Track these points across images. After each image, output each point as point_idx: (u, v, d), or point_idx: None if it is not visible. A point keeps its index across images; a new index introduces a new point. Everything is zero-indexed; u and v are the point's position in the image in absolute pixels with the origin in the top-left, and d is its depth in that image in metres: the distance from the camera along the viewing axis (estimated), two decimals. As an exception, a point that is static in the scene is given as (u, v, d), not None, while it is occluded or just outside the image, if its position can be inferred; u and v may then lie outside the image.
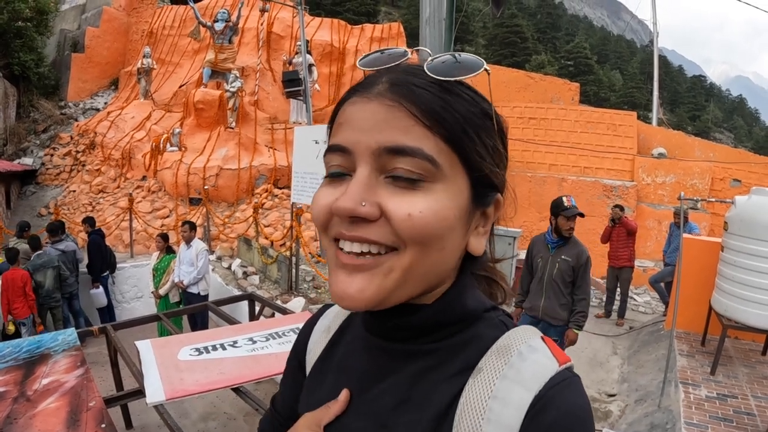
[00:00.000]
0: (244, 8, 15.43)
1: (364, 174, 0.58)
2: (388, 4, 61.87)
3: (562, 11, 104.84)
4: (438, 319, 0.66)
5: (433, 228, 0.58)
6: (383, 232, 0.58)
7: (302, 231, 8.21)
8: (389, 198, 0.58)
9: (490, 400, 0.59)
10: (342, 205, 0.57)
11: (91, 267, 8.36)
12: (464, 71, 0.62)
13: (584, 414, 0.59)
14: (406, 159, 0.57)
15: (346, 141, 0.60)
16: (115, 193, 13.37)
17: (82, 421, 2.40)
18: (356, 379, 0.71)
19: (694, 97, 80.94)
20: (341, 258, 0.60)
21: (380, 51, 0.68)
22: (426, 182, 0.58)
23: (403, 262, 0.59)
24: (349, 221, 0.58)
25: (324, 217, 0.62)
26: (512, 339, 0.64)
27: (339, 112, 0.64)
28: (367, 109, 0.60)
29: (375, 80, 0.62)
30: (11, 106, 16.21)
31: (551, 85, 16.37)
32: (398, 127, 0.58)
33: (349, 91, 0.65)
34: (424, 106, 0.58)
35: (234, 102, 13.67)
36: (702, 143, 14.02)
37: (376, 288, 0.59)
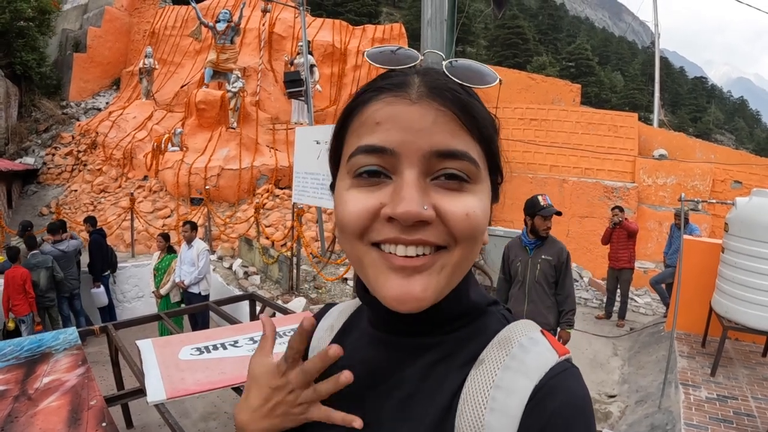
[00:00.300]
0: (246, 9, 15.45)
1: (415, 177, 0.58)
2: (389, 5, 61.88)
3: (564, 12, 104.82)
4: (450, 311, 0.67)
5: (482, 225, 0.61)
6: (439, 233, 0.59)
7: (303, 231, 8.23)
8: (443, 199, 0.59)
9: (492, 390, 0.60)
10: (408, 210, 0.56)
11: (92, 266, 8.37)
12: (483, 81, 0.65)
13: (584, 403, 0.60)
14: (455, 162, 0.59)
15: (390, 142, 0.59)
16: (117, 193, 13.39)
17: (83, 420, 2.41)
18: (364, 374, 0.71)
19: (695, 99, 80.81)
20: (396, 261, 0.59)
21: (391, 50, 0.68)
22: (469, 183, 0.60)
23: (453, 258, 0.61)
24: (410, 225, 0.58)
25: (364, 223, 0.60)
26: (513, 331, 0.66)
27: (366, 111, 0.62)
28: (413, 110, 0.59)
29: (407, 80, 0.62)
30: (13, 105, 16.24)
31: (552, 86, 16.37)
32: (448, 131, 0.59)
33: (371, 90, 0.64)
34: (467, 111, 0.61)
35: (235, 102, 13.68)
36: (703, 145, 14.01)
37: (435, 285, 0.61)
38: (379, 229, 0.60)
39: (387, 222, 0.59)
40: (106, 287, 8.51)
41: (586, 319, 8.85)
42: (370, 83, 0.66)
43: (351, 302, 0.88)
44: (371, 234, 0.61)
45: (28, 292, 6.83)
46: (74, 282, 7.81)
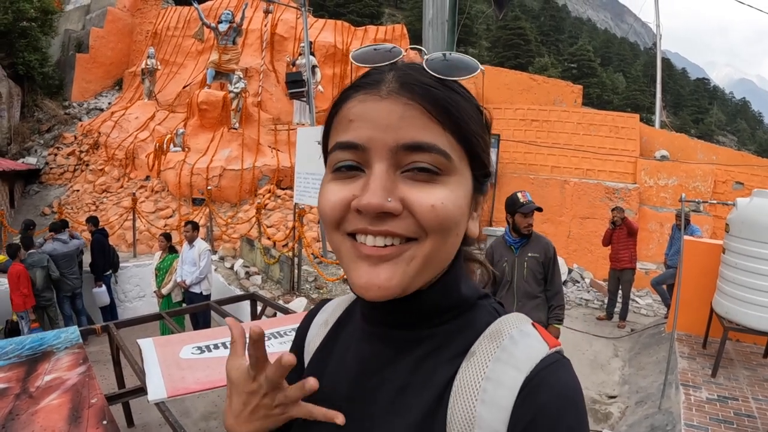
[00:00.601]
0: (248, 10, 15.47)
1: (383, 170, 0.60)
2: (391, 6, 61.94)
3: (566, 14, 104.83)
4: (437, 303, 0.68)
5: (453, 216, 0.62)
6: (407, 224, 0.60)
7: (305, 231, 8.24)
8: (410, 191, 0.60)
9: (483, 381, 0.61)
10: (370, 201, 0.58)
11: (93, 266, 8.39)
12: (463, 71, 0.65)
13: (575, 394, 0.61)
14: (423, 154, 0.60)
15: (360, 138, 0.61)
16: (119, 193, 13.42)
17: (84, 418, 2.42)
18: (356, 368, 0.73)
19: (697, 100, 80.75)
20: (364, 250, 0.61)
21: (373, 48, 0.69)
22: (441, 175, 0.61)
23: (424, 250, 0.61)
24: (375, 217, 0.60)
25: (338, 214, 0.63)
26: (504, 324, 0.67)
27: (343, 109, 0.65)
28: (381, 107, 0.61)
29: (380, 78, 0.64)
30: (15, 105, 16.27)
31: (554, 87, 16.34)
32: (415, 124, 0.60)
33: (351, 88, 0.66)
34: (437, 104, 0.61)
35: (237, 103, 13.69)
36: (704, 146, 13.98)
37: (401, 275, 0.61)
38: (351, 219, 0.62)
39: (357, 213, 0.61)
40: (107, 287, 8.53)
41: (587, 320, 8.85)
42: (351, 84, 0.68)
43: (346, 297, 0.89)
44: (345, 224, 0.63)
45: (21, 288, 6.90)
46: (76, 281, 7.82)
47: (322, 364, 0.80)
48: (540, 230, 12.74)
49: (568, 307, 9.52)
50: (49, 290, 7.45)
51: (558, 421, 0.58)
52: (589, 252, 11.74)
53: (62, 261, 7.63)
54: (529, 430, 0.58)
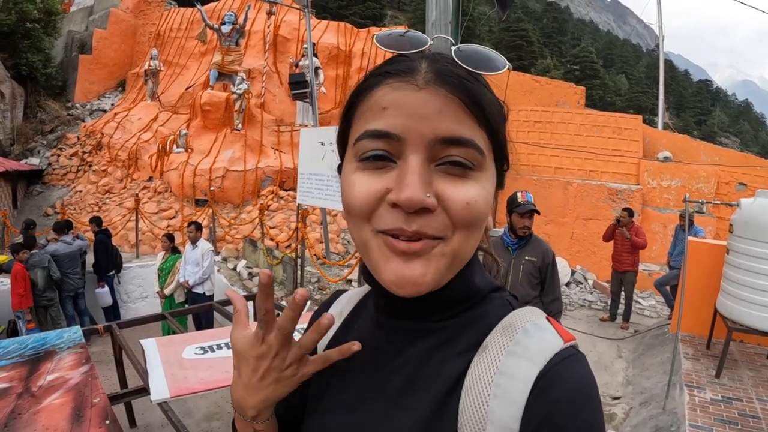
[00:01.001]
0: (251, 11, 15.49)
1: (418, 162, 0.58)
2: (394, 7, 62.02)
3: (568, 15, 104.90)
4: (451, 296, 0.67)
5: (484, 213, 0.62)
6: (439, 222, 0.59)
7: (308, 233, 8.23)
8: (446, 186, 0.59)
9: (496, 376, 0.59)
10: (411, 197, 0.56)
11: (96, 266, 8.40)
12: (492, 67, 0.64)
13: (591, 388, 0.60)
14: (460, 149, 0.59)
15: (396, 127, 0.59)
16: (122, 194, 13.43)
17: (86, 418, 2.41)
18: (369, 358, 0.71)
19: (700, 102, 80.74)
20: (398, 245, 0.59)
21: (399, 33, 0.68)
22: (474, 170, 0.60)
23: (452, 245, 0.61)
24: (410, 213, 0.58)
25: (370, 206, 0.61)
26: (518, 317, 0.65)
27: (374, 95, 0.62)
28: (419, 96, 0.59)
29: (413, 66, 0.62)
30: (18, 106, 16.32)
31: (557, 88, 16.34)
32: (454, 117, 0.59)
33: (381, 73, 0.63)
34: (474, 98, 0.60)
35: (240, 104, 13.70)
36: (707, 147, 13.97)
37: (434, 271, 0.60)
38: (384, 214, 0.60)
39: (391, 207, 0.59)
40: (110, 287, 8.54)
41: (590, 321, 8.83)
42: (377, 67, 0.65)
43: (359, 289, 0.89)
44: (376, 219, 0.61)
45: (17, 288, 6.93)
46: (78, 281, 7.83)
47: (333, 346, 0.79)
48: (543, 231, 12.78)
49: (571, 308, 9.51)
50: (51, 290, 7.45)
51: (573, 416, 0.56)
52: (592, 253, 11.73)
53: (65, 261, 7.64)
54: (544, 425, 0.56)
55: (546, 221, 12.15)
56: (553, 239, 12.11)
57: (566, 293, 10.27)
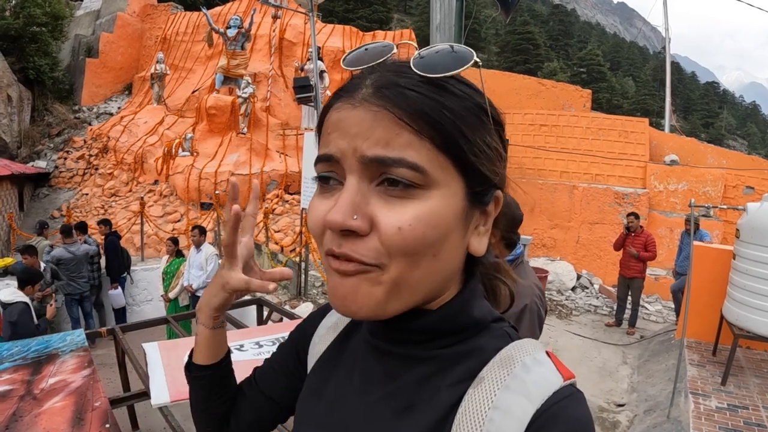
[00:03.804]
0: (257, 15, 15.56)
1: (353, 184, 0.56)
2: (400, 11, 62.16)
3: (575, 18, 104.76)
4: (440, 326, 0.64)
5: (424, 238, 0.56)
6: (370, 248, 0.56)
7: (312, 237, 8.24)
8: (381, 209, 0.56)
9: (490, 411, 0.56)
10: (333, 219, 0.55)
11: (109, 268, 8.44)
12: (453, 66, 0.57)
13: (587, 430, 0.57)
14: (391, 168, 0.55)
15: (333, 149, 0.58)
16: (127, 197, 13.50)
17: (87, 421, 2.41)
18: (361, 380, 0.70)
19: (707, 104, 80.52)
20: (332, 264, 0.58)
21: (364, 47, 0.65)
22: (418, 189, 0.55)
23: (390, 275, 0.57)
24: (340, 235, 0.56)
25: (319, 229, 0.60)
26: (516, 350, 0.62)
27: (326, 120, 0.61)
28: (352, 115, 0.57)
29: (359, 83, 0.59)
30: (26, 109, 16.43)
31: (563, 91, 16.30)
32: (383, 134, 0.55)
33: (333, 95, 0.62)
34: (412, 108, 0.55)
35: (246, 108, 13.75)
36: (714, 150, 13.90)
37: (366, 296, 0.58)
38: (326, 237, 0.59)
39: (330, 231, 0.58)
40: (122, 289, 8.60)
41: (595, 326, 8.79)
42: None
43: None
44: (324, 243, 0.60)
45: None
46: (84, 285, 7.84)
47: (328, 371, 0.78)
48: (549, 236, 12.74)
49: (577, 313, 9.47)
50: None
51: None
52: (599, 258, 11.68)
53: (71, 265, 7.66)
54: None
55: (551, 225, 12.11)
56: (558, 243, 12.07)
57: (572, 298, 10.23)
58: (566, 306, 9.72)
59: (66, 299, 7.76)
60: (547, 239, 12.20)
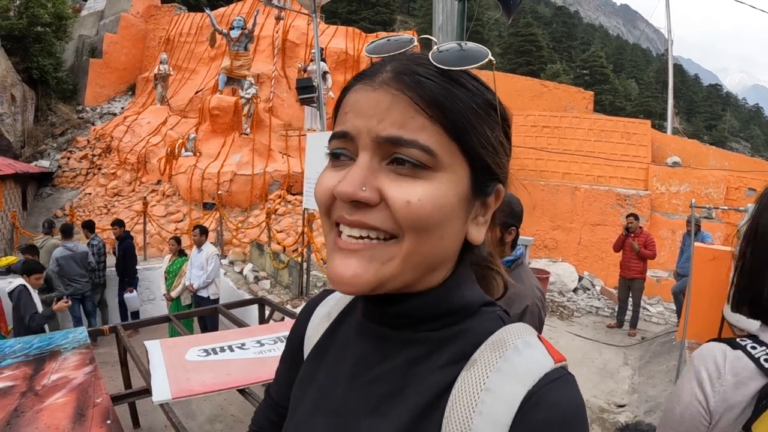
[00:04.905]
0: (260, 16, 15.59)
1: (365, 159, 0.59)
2: (403, 12, 62.17)
3: (578, 20, 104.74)
4: (431, 309, 0.65)
5: (431, 216, 0.58)
6: (383, 217, 0.59)
7: (314, 237, 8.24)
8: (390, 184, 0.58)
9: (482, 393, 0.58)
10: (343, 189, 0.58)
11: (125, 272, 8.47)
12: (469, 61, 0.61)
13: (579, 411, 0.58)
14: (404, 148, 0.58)
15: (349, 127, 0.61)
16: (130, 197, 13.52)
17: (88, 417, 2.43)
18: (352, 363, 0.71)
19: (710, 107, 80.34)
20: (338, 242, 0.61)
21: (387, 38, 0.68)
22: (426, 170, 0.58)
23: (402, 249, 0.59)
24: (350, 205, 0.59)
25: (327, 200, 0.62)
26: (508, 333, 0.63)
27: (343, 100, 0.65)
28: (371, 97, 0.60)
29: (379, 68, 0.63)
30: (29, 109, 16.48)
31: (565, 93, 16.32)
32: (399, 116, 0.58)
33: (354, 78, 0.66)
34: (427, 95, 0.59)
35: (249, 108, 13.78)
36: (717, 152, 13.90)
37: (374, 274, 0.59)
38: (336, 208, 0.62)
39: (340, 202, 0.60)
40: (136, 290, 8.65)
41: (597, 327, 8.79)
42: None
43: None
44: (332, 213, 0.63)
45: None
46: (85, 284, 7.86)
47: (320, 358, 0.78)
48: (551, 237, 12.72)
49: (578, 314, 9.47)
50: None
51: None
52: (600, 259, 11.67)
53: (70, 264, 7.68)
54: None
55: (554, 227, 12.12)
56: (560, 245, 12.07)
57: (573, 299, 10.23)
58: (567, 307, 9.72)
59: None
60: (549, 240, 12.19)
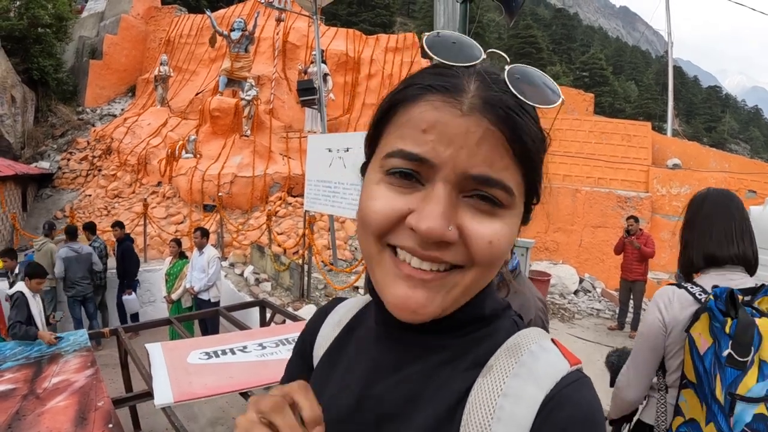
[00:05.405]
0: (260, 18, 15.58)
1: (446, 192, 0.56)
2: (403, 14, 62.23)
3: (578, 22, 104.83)
4: (461, 319, 0.65)
5: (504, 252, 0.59)
6: (458, 253, 0.57)
7: (315, 239, 8.24)
8: (471, 221, 0.57)
9: (500, 398, 0.58)
10: (432, 228, 0.54)
11: (124, 274, 8.46)
12: (545, 99, 0.60)
13: (598, 413, 0.58)
14: (489, 188, 0.56)
15: (430, 153, 0.56)
16: (131, 198, 13.51)
17: (90, 420, 2.42)
18: (366, 371, 0.70)
19: (709, 108, 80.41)
20: (404, 270, 0.58)
21: (452, 40, 0.62)
22: (502, 208, 0.58)
23: (466, 279, 0.59)
24: (429, 242, 0.56)
25: (388, 224, 0.58)
26: (523, 338, 0.64)
27: (413, 110, 0.58)
28: (460, 123, 0.55)
29: (460, 84, 0.57)
30: (30, 110, 16.47)
31: (565, 95, 15.85)
32: (491, 153, 0.56)
33: (425, 86, 0.59)
34: (517, 133, 0.56)
35: (249, 110, 13.77)
36: (717, 154, 13.90)
37: (439, 303, 0.59)
38: (401, 234, 0.58)
39: (409, 230, 0.57)
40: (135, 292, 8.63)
41: (598, 330, 8.78)
42: (420, 75, 0.61)
43: (360, 299, 0.86)
44: (391, 236, 0.59)
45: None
46: (87, 286, 7.85)
47: (331, 367, 0.78)
48: (551, 239, 12.73)
49: (579, 317, 9.46)
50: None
51: None
52: (601, 261, 11.67)
53: (74, 264, 7.68)
54: None
55: (554, 229, 12.11)
56: (561, 247, 12.06)
57: (574, 301, 10.22)
58: (569, 309, 9.71)
59: (69, 301, 7.78)
60: (550, 243, 12.19)
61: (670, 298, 1.91)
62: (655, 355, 1.94)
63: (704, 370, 1.70)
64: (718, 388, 1.65)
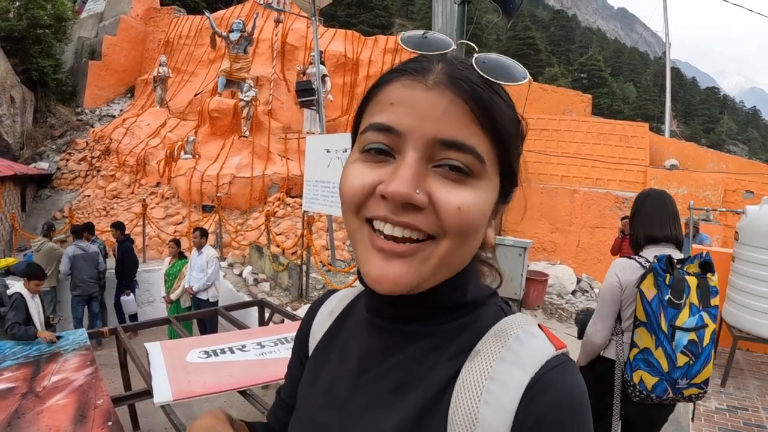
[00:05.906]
0: (259, 19, 15.59)
1: (414, 159, 0.58)
2: (402, 16, 62.20)
3: (576, 24, 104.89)
4: (445, 301, 0.67)
5: (476, 222, 0.60)
6: (429, 220, 0.59)
7: (313, 239, 8.25)
8: (440, 188, 0.59)
9: (487, 382, 0.59)
10: (397, 190, 0.57)
11: (123, 274, 8.45)
12: (511, 78, 0.63)
13: (582, 396, 0.60)
14: (458, 153, 0.58)
15: (399, 123, 0.59)
16: (129, 199, 13.50)
17: (89, 419, 2.43)
18: (358, 359, 0.72)
19: (707, 110, 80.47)
20: (378, 242, 0.60)
21: (424, 35, 0.68)
22: (472, 177, 0.60)
23: (440, 250, 0.60)
24: (399, 206, 0.58)
25: (360, 197, 0.61)
26: (510, 323, 0.65)
27: (384, 91, 0.63)
28: (426, 96, 0.59)
29: (428, 66, 0.62)
30: (29, 111, 16.46)
31: (563, 96, 16.35)
32: (457, 121, 0.58)
33: (397, 71, 0.64)
34: (482, 105, 0.59)
35: (248, 111, 13.78)
36: (715, 155, 13.93)
37: (414, 274, 0.60)
38: (373, 205, 0.61)
39: (381, 199, 0.59)
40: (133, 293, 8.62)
41: (595, 329, 8.78)
42: (396, 66, 0.65)
43: (351, 289, 0.88)
44: (366, 209, 0.61)
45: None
46: (93, 285, 7.85)
47: (324, 355, 0.80)
48: (549, 240, 12.74)
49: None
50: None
51: (563, 423, 0.57)
52: (599, 261, 11.69)
53: (81, 263, 7.68)
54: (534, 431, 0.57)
55: (552, 229, 12.13)
56: (559, 247, 12.08)
57: (572, 301, 10.23)
58: (566, 309, 9.72)
59: (73, 300, 7.78)
60: (548, 243, 12.21)
61: (623, 266, 2.59)
62: (614, 308, 2.59)
63: (652, 312, 2.35)
64: (663, 323, 2.33)
